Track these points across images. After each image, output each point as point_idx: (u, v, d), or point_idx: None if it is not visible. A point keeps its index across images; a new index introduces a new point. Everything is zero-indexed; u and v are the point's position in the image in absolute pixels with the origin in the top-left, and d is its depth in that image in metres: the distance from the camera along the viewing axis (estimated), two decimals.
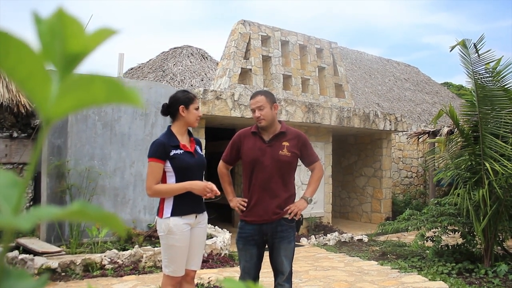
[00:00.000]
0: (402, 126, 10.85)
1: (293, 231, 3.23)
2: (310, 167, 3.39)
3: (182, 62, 13.00)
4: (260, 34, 9.55)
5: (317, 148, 9.70)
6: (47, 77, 0.34)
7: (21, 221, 0.37)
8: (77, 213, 0.39)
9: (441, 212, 6.51)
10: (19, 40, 0.33)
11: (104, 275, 5.26)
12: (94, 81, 0.33)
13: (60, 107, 0.34)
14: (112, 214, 0.40)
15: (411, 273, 5.77)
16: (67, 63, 0.34)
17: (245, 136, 3.32)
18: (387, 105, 15.89)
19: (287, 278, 3.16)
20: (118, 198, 6.97)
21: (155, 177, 2.92)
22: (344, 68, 11.24)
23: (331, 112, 9.30)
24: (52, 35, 0.34)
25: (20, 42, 0.32)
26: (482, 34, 5.57)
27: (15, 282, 0.44)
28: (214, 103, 7.69)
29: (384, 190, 10.93)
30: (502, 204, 5.61)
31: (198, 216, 3.06)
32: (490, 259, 5.81)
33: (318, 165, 3.39)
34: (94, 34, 0.35)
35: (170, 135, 3.04)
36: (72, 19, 0.34)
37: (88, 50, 0.35)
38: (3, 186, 0.41)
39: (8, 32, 0.32)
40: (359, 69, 17.23)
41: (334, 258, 6.87)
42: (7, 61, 0.33)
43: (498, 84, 5.73)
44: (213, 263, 5.97)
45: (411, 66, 20.60)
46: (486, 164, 5.60)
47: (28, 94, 0.35)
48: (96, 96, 0.34)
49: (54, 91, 0.34)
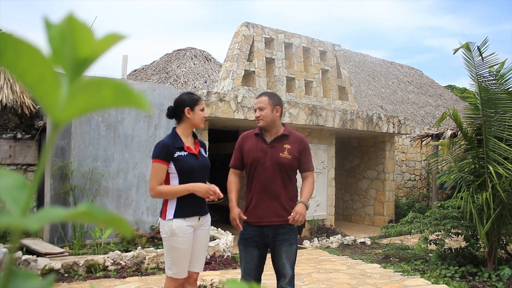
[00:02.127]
0: (406, 128, 10.84)
1: (294, 233, 3.22)
2: (303, 174, 3.32)
3: (185, 64, 13.03)
4: (263, 36, 9.56)
5: (320, 151, 9.70)
6: (56, 81, 0.34)
7: (30, 222, 0.38)
8: (85, 215, 0.40)
9: (444, 215, 6.49)
10: (30, 44, 0.33)
11: (107, 276, 5.26)
12: (103, 85, 0.34)
13: (69, 111, 0.35)
14: (119, 217, 0.40)
15: (414, 276, 5.76)
16: (77, 67, 0.35)
17: (248, 137, 3.33)
18: (391, 107, 15.87)
19: (290, 281, 3.15)
20: (121, 199, 6.99)
21: (159, 178, 2.93)
22: (347, 70, 11.24)
23: (334, 114, 9.30)
24: (62, 40, 0.34)
25: (31, 47, 0.33)
26: (486, 37, 5.57)
27: (22, 282, 0.45)
28: (217, 105, 7.71)
29: (387, 192, 10.92)
30: (505, 208, 5.59)
31: (201, 218, 3.06)
32: (494, 262, 5.79)
33: (312, 177, 3.33)
34: (103, 39, 0.35)
35: (175, 136, 3.05)
36: (82, 24, 0.34)
37: (97, 54, 0.35)
38: (12, 188, 0.41)
39: (20, 36, 0.33)
40: (362, 72, 17.22)
41: (336, 260, 6.86)
42: (18, 66, 0.33)
43: (502, 87, 5.72)
44: (215, 265, 5.97)
45: (415, 68, 20.57)
46: (489, 167, 5.58)
47: (38, 98, 0.35)
48: (104, 100, 0.35)
49: (63, 95, 0.35)
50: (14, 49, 0.33)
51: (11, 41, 0.33)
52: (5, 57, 0.33)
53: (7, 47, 0.32)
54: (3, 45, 0.32)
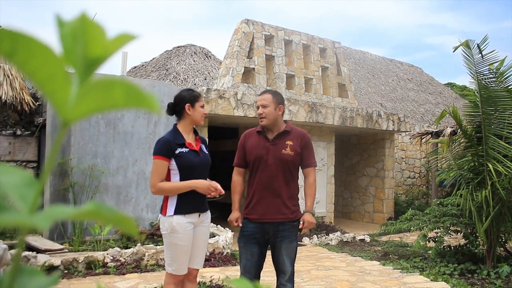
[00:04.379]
0: (405, 126, 10.84)
1: (295, 230, 3.22)
2: (305, 170, 3.31)
3: (185, 61, 13.01)
4: (263, 34, 9.55)
5: (320, 148, 9.70)
6: (67, 79, 0.34)
7: (37, 220, 0.38)
8: (92, 213, 0.40)
9: (444, 213, 6.50)
10: (42, 43, 0.33)
11: (106, 273, 5.27)
12: (114, 85, 0.34)
13: (79, 110, 0.35)
14: (127, 216, 0.40)
15: (413, 273, 5.77)
16: (87, 67, 0.35)
17: (250, 135, 3.33)
18: (390, 105, 15.87)
19: (289, 277, 3.16)
20: (120, 196, 6.99)
21: (160, 174, 2.93)
22: (347, 68, 11.24)
23: (334, 112, 9.30)
24: (73, 39, 0.34)
25: (42, 45, 0.33)
26: (485, 35, 5.57)
27: (28, 279, 0.45)
28: (217, 102, 7.70)
29: (386, 190, 10.93)
30: (505, 205, 5.60)
31: (201, 215, 3.07)
32: (493, 260, 5.80)
33: (313, 174, 3.32)
34: (115, 39, 0.35)
35: (176, 133, 3.05)
36: (94, 24, 0.34)
37: (108, 54, 0.35)
38: (19, 185, 0.41)
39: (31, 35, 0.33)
40: (362, 69, 17.21)
41: (336, 258, 6.87)
42: (30, 64, 0.33)
43: (502, 85, 5.72)
44: (215, 261, 5.98)
45: (415, 66, 20.56)
46: (489, 165, 5.59)
47: (47, 96, 0.35)
48: (114, 100, 0.35)
49: (73, 94, 0.35)
50: (25, 47, 0.33)
51: (23, 39, 0.33)
52: (16, 55, 0.33)
53: (19, 45, 0.32)
54: (15, 43, 0.33)
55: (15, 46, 0.32)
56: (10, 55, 0.33)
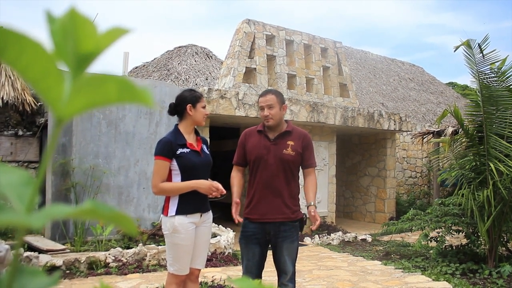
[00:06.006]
0: (407, 126, 10.83)
1: (296, 230, 3.22)
2: (306, 170, 3.30)
3: (186, 61, 13.01)
4: (264, 34, 9.54)
5: (321, 148, 9.70)
6: (59, 76, 0.34)
7: (34, 219, 0.38)
8: (90, 212, 0.39)
9: (445, 212, 6.49)
10: (32, 39, 0.33)
11: (108, 273, 5.28)
12: (107, 81, 0.34)
13: (73, 107, 0.35)
14: (124, 214, 0.40)
15: (414, 273, 5.76)
16: (80, 63, 0.35)
17: (251, 134, 3.32)
18: (392, 105, 15.85)
19: (291, 278, 3.15)
20: (122, 196, 6.99)
21: (161, 175, 2.93)
22: (348, 67, 11.23)
23: (336, 111, 9.29)
24: (64, 35, 0.34)
25: (33, 42, 0.33)
26: (486, 34, 5.55)
27: (28, 279, 0.45)
28: (218, 102, 7.71)
29: (388, 190, 10.92)
30: (506, 205, 5.59)
31: (203, 215, 3.07)
32: (494, 259, 5.79)
33: (314, 173, 3.31)
34: (106, 33, 0.35)
35: (177, 133, 3.05)
36: (84, 19, 0.34)
37: (100, 49, 0.35)
38: (17, 185, 0.41)
39: (21, 31, 0.33)
40: (363, 69, 17.19)
41: (337, 257, 6.87)
42: (21, 61, 0.33)
43: (503, 84, 5.71)
44: (216, 262, 5.98)
45: (416, 66, 20.52)
46: (490, 164, 5.58)
47: (40, 94, 0.35)
48: (108, 96, 0.34)
49: (66, 91, 0.35)
50: (16, 45, 0.32)
51: (13, 36, 0.32)
52: (7, 52, 0.32)
53: (9, 43, 0.32)
54: (4, 41, 0.32)
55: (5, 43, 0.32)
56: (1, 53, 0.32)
